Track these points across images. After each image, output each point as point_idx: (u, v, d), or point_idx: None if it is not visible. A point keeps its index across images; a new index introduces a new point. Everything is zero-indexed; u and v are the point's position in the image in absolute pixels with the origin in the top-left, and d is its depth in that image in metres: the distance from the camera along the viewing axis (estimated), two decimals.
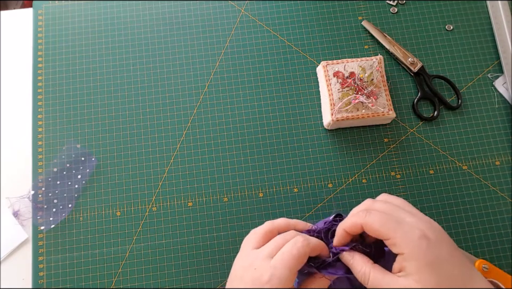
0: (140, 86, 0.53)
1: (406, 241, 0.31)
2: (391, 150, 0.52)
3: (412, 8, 0.57)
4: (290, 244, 0.35)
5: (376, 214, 0.33)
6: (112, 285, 0.47)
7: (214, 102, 0.53)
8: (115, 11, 0.56)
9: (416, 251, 0.31)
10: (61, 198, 0.49)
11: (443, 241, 0.32)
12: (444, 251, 0.31)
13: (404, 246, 0.31)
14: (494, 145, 0.52)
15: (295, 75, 0.54)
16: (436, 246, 0.31)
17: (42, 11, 0.56)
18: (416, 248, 0.31)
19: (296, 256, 0.34)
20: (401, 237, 0.32)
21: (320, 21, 0.56)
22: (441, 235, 0.33)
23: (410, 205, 0.36)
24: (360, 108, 0.48)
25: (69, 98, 0.53)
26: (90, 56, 0.54)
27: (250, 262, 0.36)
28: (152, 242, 0.48)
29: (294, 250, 0.34)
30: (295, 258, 0.34)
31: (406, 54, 0.54)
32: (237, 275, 0.36)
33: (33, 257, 0.47)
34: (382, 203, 0.36)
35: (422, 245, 0.31)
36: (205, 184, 0.50)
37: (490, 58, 0.55)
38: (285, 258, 0.34)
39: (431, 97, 0.53)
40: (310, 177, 0.50)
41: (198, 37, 0.55)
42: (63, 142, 0.51)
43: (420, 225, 0.32)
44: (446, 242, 0.32)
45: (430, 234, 0.32)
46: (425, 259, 0.30)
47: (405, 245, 0.31)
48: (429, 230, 0.32)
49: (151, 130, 0.52)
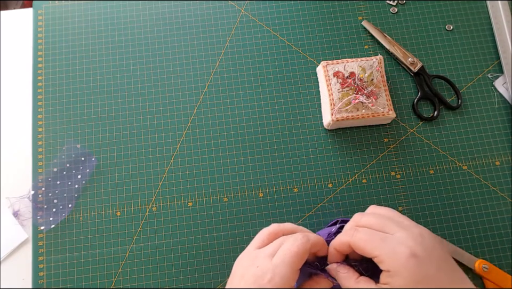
0: (140, 86, 0.53)
1: (392, 260, 0.31)
2: (391, 150, 0.52)
3: (412, 8, 0.57)
4: (290, 241, 0.35)
5: (362, 231, 0.33)
6: (112, 285, 0.47)
7: (214, 102, 0.53)
8: (115, 11, 0.56)
9: (402, 270, 0.31)
10: (61, 198, 0.49)
11: (432, 257, 0.32)
12: (432, 268, 0.31)
13: (390, 264, 0.31)
14: (494, 145, 0.52)
15: (295, 75, 0.54)
16: (423, 264, 0.31)
17: (42, 11, 0.56)
18: (402, 267, 0.31)
19: (297, 253, 0.34)
20: (386, 254, 0.31)
21: (320, 21, 0.56)
22: (432, 249, 0.32)
23: (399, 214, 0.36)
24: (360, 108, 0.48)
25: (69, 98, 0.53)
26: (90, 56, 0.54)
27: (252, 260, 0.35)
28: (152, 242, 0.48)
29: (294, 247, 0.34)
30: (296, 256, 0.33)
31: (406, 54, 0.54)
32: (238, 274, 0.36)
33: (33, 257, 0.47)
34: (370, 217, 0.35)
35: (410, 264, 0.30)
36: (205, 184, 0.50)
37: (490, 58, 0.55)
38: (286, 256, 0.34)
39: (431, 97, 0.53)
40: (310, 177, 0.50)
41: (198, 37, 0.55)
42: (63, 142, 0.51)
43: (408, 241, 0.32)
44: (435, 257, 0.32)
45: (418, 251, 0.31)
46: (411, 278, 0.30)
47: (391, 263, 0.31)
48: (418, 245, 0.32)
49: (151, 130, 0.52)
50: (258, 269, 0.34)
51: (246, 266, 0.36)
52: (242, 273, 0.35)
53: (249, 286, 0.34)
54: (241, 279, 0.35)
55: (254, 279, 0.34)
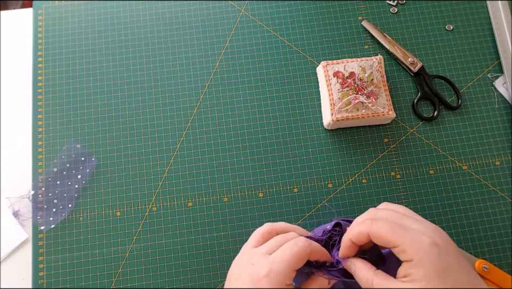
0: (140, 86, 0.53)
1: (415, 248, 0.31)
2: (391, 150, 0.52)
3: (412, 8, 0.57)
4: (292, 242, 0.35)
5: (383, 221, 0.33)
6: (112, 285, 0.47)
7: (214, 102, 0.53)
8: (115, 11, 0.56)
9: (426, 258, 0.30)
10: (61, 198, 0.49)
11: (450, 248, 0.32)
12: (452, 258, 0.31)
13: (413, 253, 0.31)
14: (494, 145, 0.52)
15: (295, 75, 0.54)
16: (445, 253, 0.31)
17: (42, 11, 0.56)
18: (426, 256, 0.30)
19: (297, 254, 0.34)
20: (409, 243, 0.31)
21: (320, 21, 0.56)
22: (448, 242, 0.32)
23: (412, 211, 0.36)
24: (360, 108, 0.48)
25: (69, 98, 0.53)
26: (90, 56, 0.54)
27: (248, 259, 0.36)
28: (152, 242, 0.48)
29: (295, 248, 0.34)
30: (295, 256, 0.33)
31: (406, 54, 0.54)
32: (235, 273, 0.36)
33: (33, 257, 0.47)
34: (386, 211, 0.35)
35: (432, 252, 0.30)
36: (205, 184, 0.50)
37: (490, 58, 0.55)
38: (285, 254, 0.34)
39: (431, 97, 0.53)
40: (310, 177, 0.50)
41: (198, 37, 0.55)
42: (63, 142, 0.51)
43: (428, 232, 0.32)
44: (453, 249, 0.32)
45: (439, 241, 0.31)
46: (435, 267, 0.30)
47: (414, 252, 0.31)
48: (437, 236, 0.32)
49: (151, 130, 0.52)
50: (254, 266, 0.34)
51: (242, 265, 0.36)
52: (239, 272, 0.35)
53: (246, 284, 0.34)
54: (238, 279, 0.35)
55: (250, 277, 0.34)
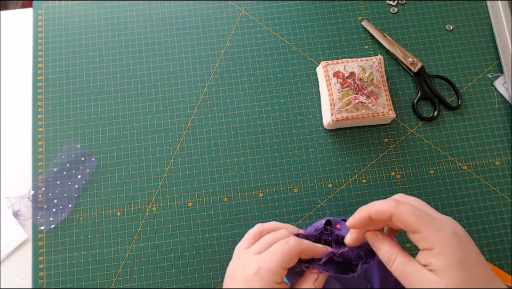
0: (140, 86, 0.53)
1: (438, 237, 0.30)
2: (391, 150, 0.52)
3: (412, 8, 0.57)
4: (283, 241, 0.35)
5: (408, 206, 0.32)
6: (112, 285, 0.47)
7: (214, 102, 0.53)
8: (115, 11, 0.56)
9: (448, 248, 0.30)
10: (61, 198, 0.49)
11: (470, 240, 0.32)
12: (472, 250, 0.31)
13: (436, 242, 0.30)
14: (494, 145, 0.52)
15: (295, 75, 0.54)
16: (466, 244, 0.31)
17: (42, 11, 0.56)
18: (448, 245, 0.30)
19: (287, 252, 0.34)
20: (433, 231, 0.30)
21: (320, 21, 0.56)
22: (467, 235, 0.32)
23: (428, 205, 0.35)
24: (360, 108, 0.48)
25: (69, 98, 0.53)
26: (90, 56, 0.54)
27: (240, 260, 0.36)
28: (152, 242, 0.48)
29: (285, 246, 0.34)
30: (285, 254, 0.34)
31: (406, 54, 0.54)
32: (229, 276, 0.37)
33: (33, 257, 0.47)
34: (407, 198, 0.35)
35: (454, 242, 0.30)
36: (205, 184, 0.50)
37: (490, 58, 0.55)
38: (275, 253, 0.34)
39: (431, 97, 0.53)
40: (310, 177, 0.50)
41: (198, 37, 0.55)
42: (63, 142, 0.51)
43: (449, 222, 0.32)
44: (471, 242, 0.32)
45: (459, 232, 0.31)
46: (456, 257, 0.30)
47: (436, 241, 0.30)
48: (457, 227, 0.32)
49: (151, 130, 0.52)
50: (244, 266, 0.35)
51: (234, 267, 0.36)
52: (232, 274, 0.36)
53: (237, 285, 0.34)
54: (231, 280, 0.36)
55: (240, 277, 0.34)
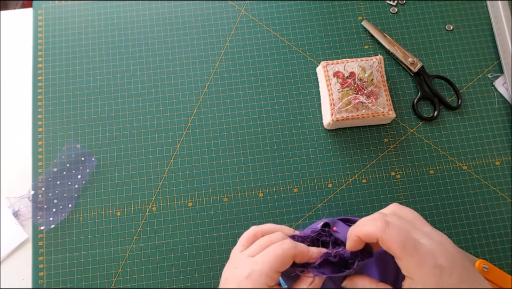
0: (140, 86, 0.53)
1: (419, 270, 0.30)
2: (391, 150, 0.52)
3: (412, 8, 0.57)
4: (278, 244, 0.34)
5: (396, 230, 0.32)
6: (112, 285, 0.47)
7: (214, 102, 0.53)
8: (115, 11, 0.56)
9: (426, 280, 0.30)
10: (61, 198, 0.49)
11: (455, 268, 0.31)
12: (454, 280, 0.31)
13: (417, 273, 0.31)
14: (494, 145, 0.52)
15: (295, 75, 0.54)
16: (447, 275, 0.30)
17: (42, 11, 0.56)
18: (427, 278, 0.30)
19: (280, 255, 0.33)
20: (415, 263, 0.30)
21: (320, 21, 0.56)
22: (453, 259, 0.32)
23: (422, 219, 0.35)
24: (360, 108, 0.48)
25: (69, 98, 0.53)
26: (90, 56, 0.54)
27: (234, 263, 0.36)
28: (152, 242, 0.48)
29: (279, 249, 0.34)
30: (278, 257, 0.33)
31: (406, 54, 0.54)
32: (223, 279, 0.37)
33: (33, 257, 0.47)
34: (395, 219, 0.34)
35: (435, 274, 0.30)
36: (205, 184, 0.50)
37: (490, 58, 0.55)
38: (268, 255, 0.34)
39: (431, 97, 0.53)
40: (310, 177, 0.50)
41: (198, 37, 0.55)
42: (63, 142, 0.51)
43: (435, 250, 0.31)
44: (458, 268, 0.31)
45: (443, 262, 0.31)
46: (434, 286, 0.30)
47: (418, 272, 0.30)
48: (443, 255, 0.31)
49: (151, 130, 0.52)
50: (237, 269, 0.35)
51: (229, 270, 0.36)
52: (226, 277, 0.36)
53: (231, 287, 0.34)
54: (225, 283, 0.35)
55: (233, 279, 0.34)
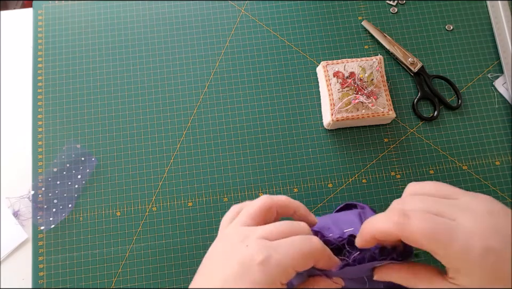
0: (140, 86, 0.53)
1: (463, 259, 0.24)
2: (391, 150, 0.52)
3: (412, 8, 0.57)
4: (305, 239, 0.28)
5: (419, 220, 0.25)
6: (112, 285, 0.47)
7: (214, 102, 0.53)
8: (115, 11, 0.56)
9: (476, 270, 0.24)
10: (61, 198, 0.49)
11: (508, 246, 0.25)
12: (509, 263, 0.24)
13: (461, 264, 0.25)
14: (494, 145, 0.52)
15: (295, 75, 0.54)
16: (502, 260, 0.24)
17: (42, 11, 0.56)
18: (476, 267, 0.24)
19: (307, 254, 0.27)
20: (457, 253, 0.24)
21: (320, 21, 0.56)
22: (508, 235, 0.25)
23: (451, 188, 0.28)
24: (360, 108, 0.48)
25: (69, 98, 0.53)
26: (90, 56, 0.54)
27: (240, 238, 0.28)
28: (152, 242, 0.48)
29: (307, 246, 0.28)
30: (304, 254, 0.27)
31: (406, 54, 0.54)
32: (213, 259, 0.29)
33: (33, 257, 0.47)
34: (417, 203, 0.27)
35: (485, 262, 0.24)
36: (205, 184, 0.50)
37: (490, 58, 0.55)
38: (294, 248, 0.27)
39: (431, 97, 0.53)
40: (310, 177, 0.50)
41: (198, 37, 0.55)
42: (63, 142, 0.51)
43: (480, 229, 0.24)
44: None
45: (494, 243, 0.24)
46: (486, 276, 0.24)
47: (461, 263, 0.24)
48: (492, 233, 0.24)
49: (151, 130, 0.52)
50: (249, 247, 0.27)
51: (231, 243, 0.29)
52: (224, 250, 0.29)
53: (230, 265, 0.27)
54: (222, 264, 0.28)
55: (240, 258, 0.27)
